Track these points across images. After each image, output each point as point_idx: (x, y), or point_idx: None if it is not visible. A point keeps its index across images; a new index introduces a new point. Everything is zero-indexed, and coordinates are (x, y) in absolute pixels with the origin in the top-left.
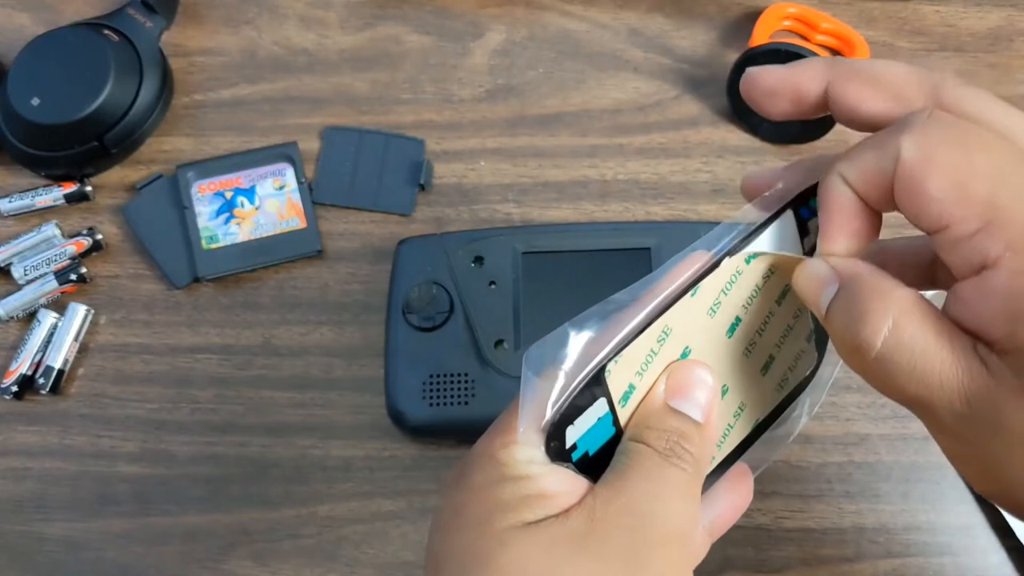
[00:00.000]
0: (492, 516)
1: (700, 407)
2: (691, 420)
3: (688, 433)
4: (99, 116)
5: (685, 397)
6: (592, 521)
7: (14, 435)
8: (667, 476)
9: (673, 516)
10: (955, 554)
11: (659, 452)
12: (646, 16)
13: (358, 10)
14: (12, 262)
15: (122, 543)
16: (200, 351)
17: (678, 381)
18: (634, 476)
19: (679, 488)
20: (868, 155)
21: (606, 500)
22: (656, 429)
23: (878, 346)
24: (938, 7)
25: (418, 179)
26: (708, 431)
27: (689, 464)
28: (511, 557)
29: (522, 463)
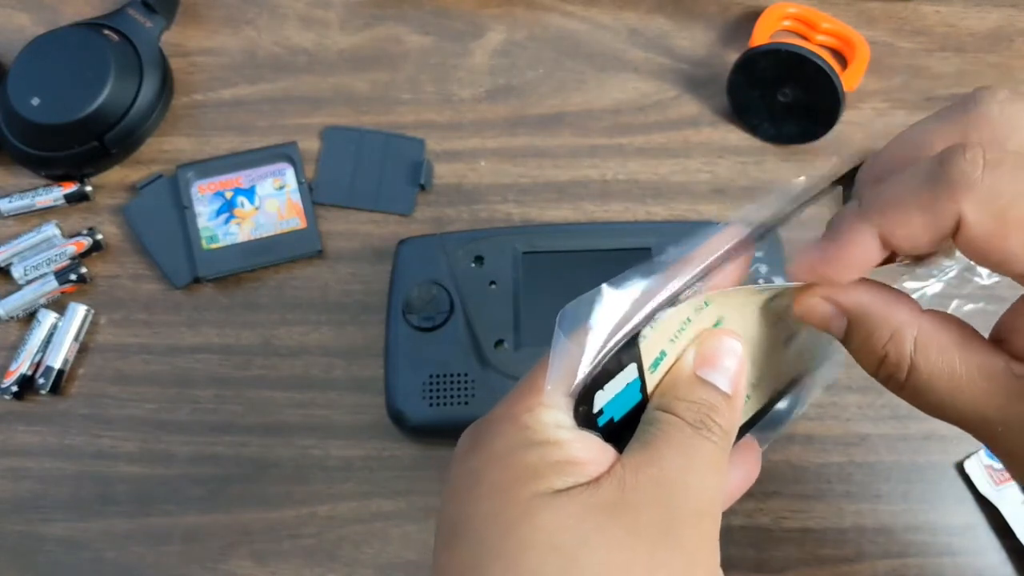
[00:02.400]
0: (516, 483)
1: (729, 378)
2: (719, 391)
3: (717, 405)
4: (99, 116)
5: (714, 367)
6: (623, 491)
7: (14, 435)
8: (698, 448)
9: (706, 489)
10: (955, 554)
11: (690, 424)
12: (646, 16)
13: (358, 10)
14: (12, 262)
15: (122, 543)
16: (200, 351)
17: (708, 350)
18: (664, 447)
19: (710, 461)
20: (915, 218)
21: (636, 470)
22: (686, 400)
23: (902, 383)
24: (938, 7)
25: (418, 179)
26: (736, 402)
27: (719, 436)
28: (537, 526)
29: (550, 427)
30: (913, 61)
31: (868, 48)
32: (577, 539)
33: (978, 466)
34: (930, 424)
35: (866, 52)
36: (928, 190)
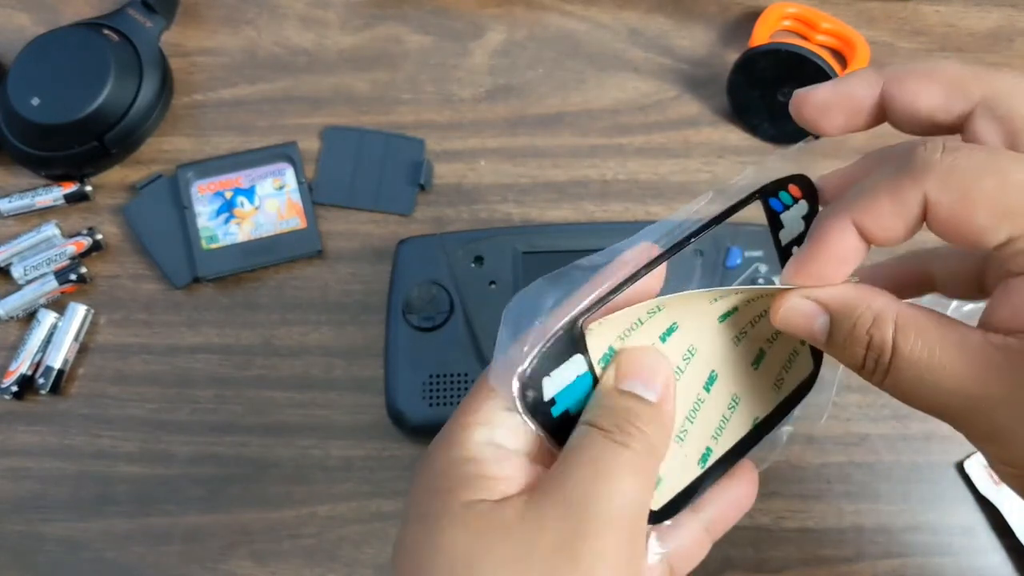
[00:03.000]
0: (436, 495)
1: (654, 387)
2: (643, 400)
3: (638, 412)
4: (99, 116)
5: (636, 378)
6: (527, 509)
7: (14, 435)
8: (612, 456)
9: (614, 498)
10: (955, 554)
11: (605, 431)
12: (646, 16)
13: (358, 10)
14: (12, 262)
15: (122, 543)
16: (200, 351)
17: (629, 363)
18: (577, 460)
19: (625, 468)
20: (884, 205)
21: (546, 487)
22: (604, 408)
23: (886, 368)
24: (938, 7)
25: (418, 179)
26: (664, 410)
27: (639, 442)
28: (448, 539)
29: (476, 444)
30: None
31: (868, 48)
32: (481, 549)
33: (978, 466)
34: (930, 424)
35: (866, 52)
36: (894, 178)
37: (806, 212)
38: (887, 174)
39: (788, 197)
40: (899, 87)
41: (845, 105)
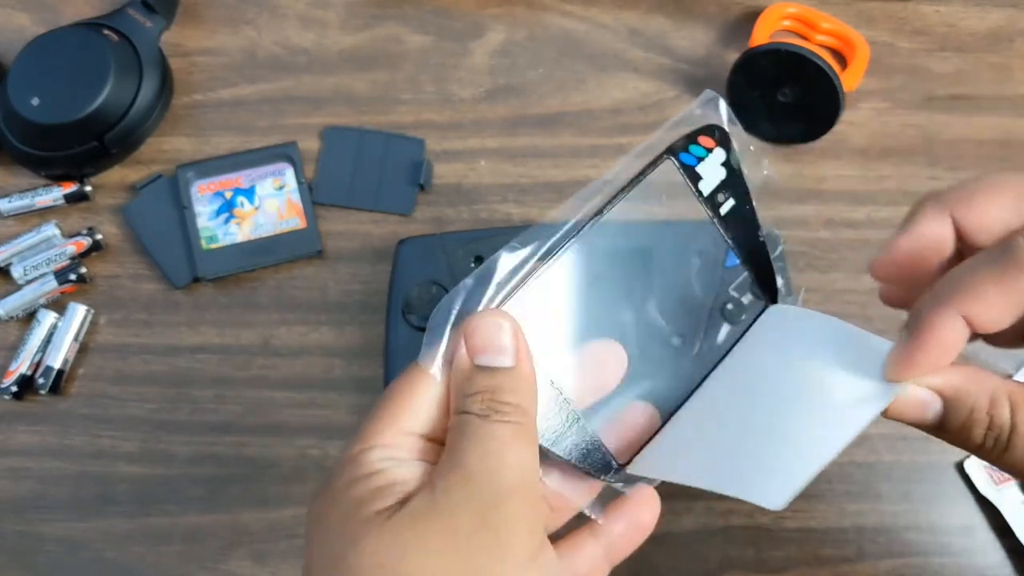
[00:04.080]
0: (346, 515)
1: (505, 351)
2: (501, 370)
3: (500, 385)
4: (99, 116)
5: (487, 350)
6: (433, 499)
7: (14, 435)
8: (492, 435)
9: (507, 469)
10: (955, 554)
11: (478, 416)
12: (646, 16)
13: (358, 10)
14: (12, 262)
15: (122, 543)
16: (200, 351)
17: (474, 336)
18: (461, 445)
19: (508, 441)
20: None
21: (443, 475)
22: (470, 394)
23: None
24: (938, 7)
25: (418, 179)
26: (522, 370)
27: (512, 414)
28: (361, 550)
29: (374, 461)
30: (913, 61)
31: (868, 48)
32: (397, 553)
33: (978, 466)
34: None
35: (866, 52)
36: (999, 268)
37: (724, 159)
38: (988, 264)
39: (700, 149)
40: (968, 210)
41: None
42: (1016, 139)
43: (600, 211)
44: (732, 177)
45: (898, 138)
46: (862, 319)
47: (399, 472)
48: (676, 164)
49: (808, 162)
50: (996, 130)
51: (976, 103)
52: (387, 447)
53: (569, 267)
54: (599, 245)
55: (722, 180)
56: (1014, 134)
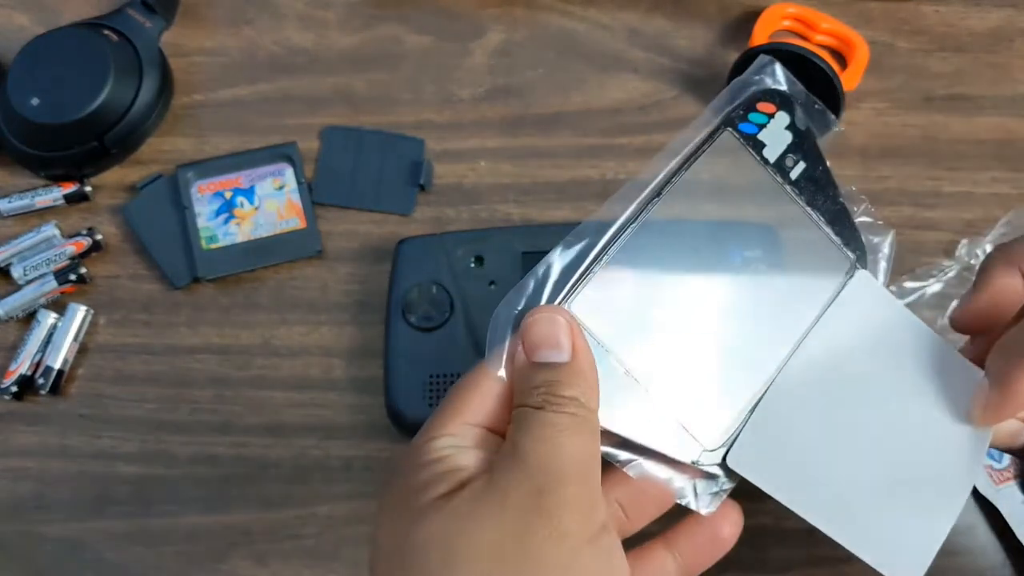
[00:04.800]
0: (410, 498)
1: (561, 347)
2: (558, 365)
3: (557, 380)
4: (99, 116)
5: (541, 346)
6: (491, 482)
7: (14, 435)
8: (547, 421)
9: (562, 455)
10: (955, 554)
11: (536, 408)
12: (646, 16)
13: (358, 10)
14: (12, 262)
15: (122, 543)
16: (200, 351)
17: (530, 334)
18: (522, 435)
19: (562, 428)
20: None
21: (500, 463)
22: (527, 389)
23: None
24: (938, 7)
25: (418, 179)
26: (580, 363)
27: (568, 405)
28: (423, 529)
29: (442, 448)
30: (913, 61)
31: (867, 48)
32: (455, 530)
33: None
34: None
35: (865, 52)
36: None
37: (788, 122)
38: None
39: (760, 116)
40: None
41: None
42: (1016, 139)
43: (659, 193)
44: (800, 139)
45: (898, 138)
46: None
47: (461, 459)
48: (735, 135)
49: None
50: (996, 130)
51: (976, 103)
52: (451, 435)
53: (633, 254)
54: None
55: (789, 144)
56: (1014, 134)
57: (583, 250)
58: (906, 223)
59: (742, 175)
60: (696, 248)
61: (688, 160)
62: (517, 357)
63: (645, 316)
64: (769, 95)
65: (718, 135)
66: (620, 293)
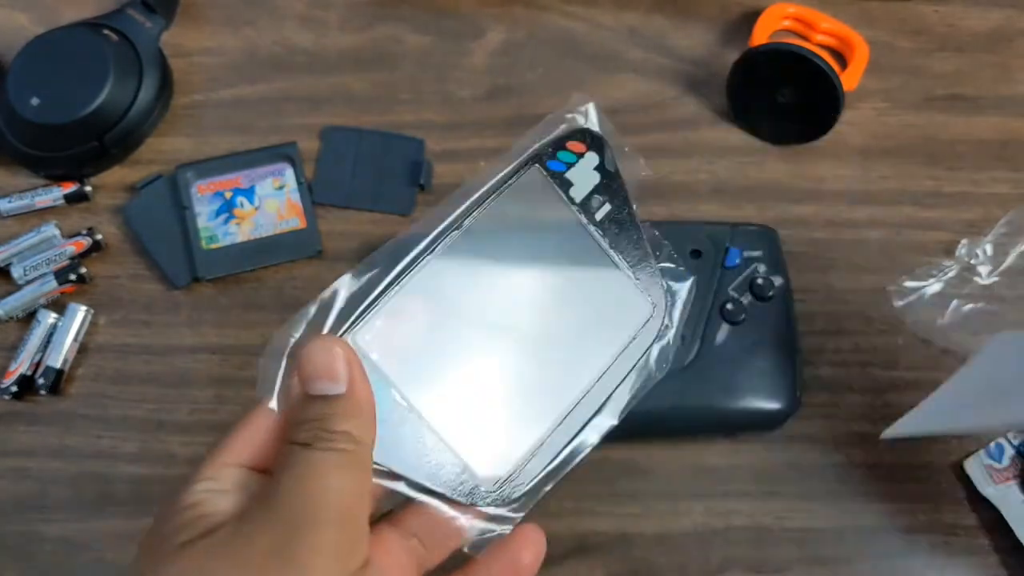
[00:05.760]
0: (154, 547)
1: (337, 379)
2: (332, 398)
3: (331, 414)
4: (99, 116)
5: (318, 377)
6: (238, 528)
7: (14, 435)
8: (310, 460)
9: (320, 496)
10: (955, 554)
11: (304, 445)
12: (646, 16)
13: (358, 10)
14: (12, 262)
15: (122, 543)
16: (200, 351)
17: (305, 365)
18: (283, 473)
19: (328, 468)
20: None
21: (255, 505)
22: (298, 423)
23: None
24: (938, 7)
25: (418, 179)
26: (356, 396)
27: (339, 441)
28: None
29: (196, 492)
30: (913, 61)
31: (867, 48)
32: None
33: (978, 466)
34: None
35: (865, 52)
36: None
37: (597, 163)
38: None
39: (569, 155)
40: None
41: None
42: (1016, 139)
43: (458, 223)
44: (608, 180)
45: (898, 138)
46: (862, 319)
47: (215, 503)
48: (543, 171)
49: (808, 162)
50: (996, 130)
51: (976, 103)
52: (207, 480)
53: (427, 284)
54: (463, 260)
55: (596, 184)
56: (1014, 134)
57: (373, 278)
58: (906, 223)
59: (547, 212)
60: (492, 283)
61: (493, 193)
62: (290, 386)
63: (434, 349)
64: (580, 134)
65: (526, 170)
66: (409, 325)
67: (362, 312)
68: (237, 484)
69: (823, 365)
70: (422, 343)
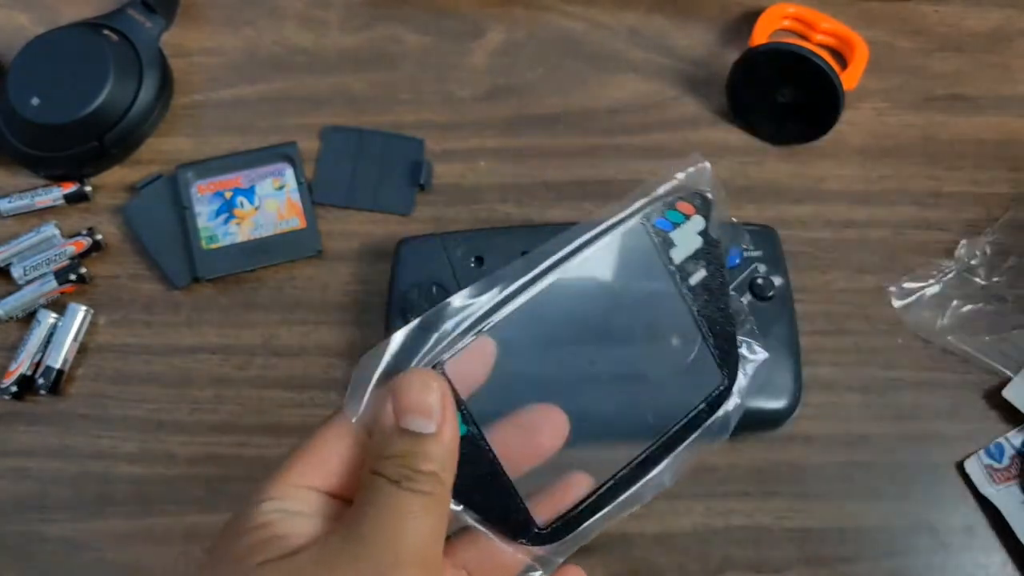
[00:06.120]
0: (229, 566)
1: (431, 417)
2: (423, 436)
3: (419, 452)
4: (99, 116)
5: (412, 412)
6: (321, 555)
7: (14, 435)
8: (401, 501)
9: (407, 538)
10: (955, 554)
11: (391, 481)
12: (646, 16)
13: (358, 10)
14: (12, 262)
15: (122, 543)
16: (200, 351)
17: (402, 396)
18: (368, 507)
19: (414, 511)
20: None
21: (340, 532)
22: (387, 457)
23: None
24: (938, 7)
25: (418, 179)
26: (445, 437)
27: (426, 483)
28: None
29: (266, 512)
30: (912, 61)
31: (867, 48)
32: None
33: (978, 466)
34: (930, 424)
35: (865, 52)
36: None
37: (702, 227)
38: None
39: (678, 215)
40: None
41: None
42: (1016, 139)
43: (556, 266)
44: (708, 248)
45: (897, 138)
46: (862, 319)
47: (290, 524)
48: (649, 228)
49: (808, 162)
50: (996, 130)
51: (975, 103)
52: (280, 499)
53: (515, 324)
54: (553, 303)
55: (697, 249)
56: (1014, 134)
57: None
58: (906, 223)
59: (643, 268)
60: (577, 330)
61: (595, 239)
62: (383, 415)
63: (510, 386)
64: (692, 196)
65: (631, 223)
66: (491, 360)
67: (453, 342)
68: (312, 507)
69: (823, 365)
70: (500, 379)
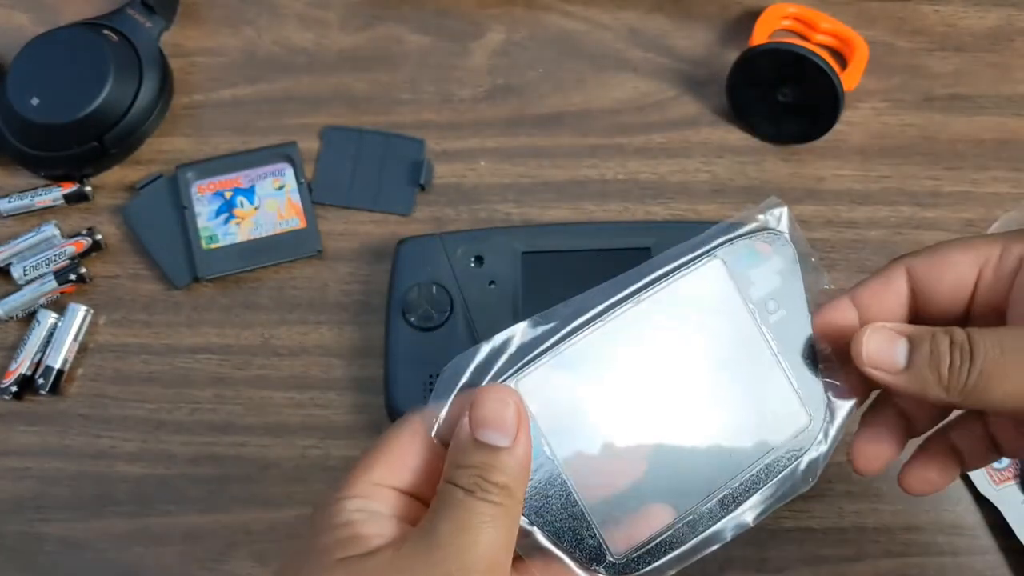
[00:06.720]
0: (311, 557)
1: (506, 431)
2: (497, 449)
3: (494, 464)
4: (99, 116)
5: (489, 425)
6: (397, 557)
7: (14, 435)
8: (474, 510)
9: (478, 547)
10: (955, 554)
11: (464, 490)
12: (646, 16)
13: (358, 10)
14: (12, 262)
15: (122, 543)
16: (200, 351)
17: (480, 409)
18: (442, 514)
19: (487, 519)
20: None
21: (414, 538)
22: (462, 467)
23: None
24: (938, 7)
25: (418, 179)
26: (519, 451)
27: (498, 494)
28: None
29: (348, 512)
30: (912, 61)
31: (867, 48)
32: None
33: None
34: None
35: (865, 52)
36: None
37: (781, 267)
38: None
39: (754, 255)
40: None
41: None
42: (1016, 139)
43: (635, 297)
44: (788, 287)
45: (897, 138)
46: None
47: (370, 525)
48: (726, 265)
49: (808, 162)
50: (995, 130)
51: (975, 103)
52: (361, 498)
53: (594, 350)
54: (631, 334)
55: (775, 289)
56: (1014, 134)
57: (546, 333)
58: (906, 223)
59: (722, 306)
60: (656, 362)
61: (673, 274)
62: (460, 426)
63: (588, 413)
64: (769, 236)
65: (709, 260)
66: (569, 384)
67: (529, 362)
68: (390, 507)
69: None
70: (578, 405)
